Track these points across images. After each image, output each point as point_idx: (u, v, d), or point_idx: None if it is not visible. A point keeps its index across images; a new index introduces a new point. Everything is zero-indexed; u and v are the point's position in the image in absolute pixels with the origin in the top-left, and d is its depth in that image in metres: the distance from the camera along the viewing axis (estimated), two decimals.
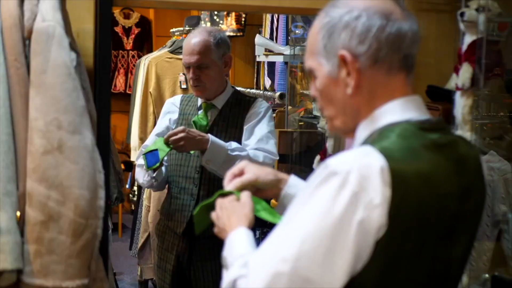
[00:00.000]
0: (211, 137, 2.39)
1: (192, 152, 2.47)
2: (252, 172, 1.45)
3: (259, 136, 2.51)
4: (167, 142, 2.37)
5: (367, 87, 1.16)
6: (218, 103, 2.58)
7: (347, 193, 1.05)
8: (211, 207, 1.45)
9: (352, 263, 1.06)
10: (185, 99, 2.69)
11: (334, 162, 1.09)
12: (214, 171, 2.42)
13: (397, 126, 1.14)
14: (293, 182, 1.47)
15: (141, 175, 2.56)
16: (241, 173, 1.46)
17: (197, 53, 2.50)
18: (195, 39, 2.53)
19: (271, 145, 2.52)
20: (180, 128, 2.37)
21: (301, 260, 1.06)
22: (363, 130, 1.18)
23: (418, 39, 1.17)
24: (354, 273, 1.08)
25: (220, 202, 1.39)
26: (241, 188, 1.43)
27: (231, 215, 1.34)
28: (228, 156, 2.37)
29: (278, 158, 2.57)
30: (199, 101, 2.61)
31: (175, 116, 2.65)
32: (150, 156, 2.39)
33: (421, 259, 1.12)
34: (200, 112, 2.58)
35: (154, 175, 2.50)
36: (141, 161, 2.55)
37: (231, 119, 2.56)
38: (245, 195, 1.38)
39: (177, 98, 2.74)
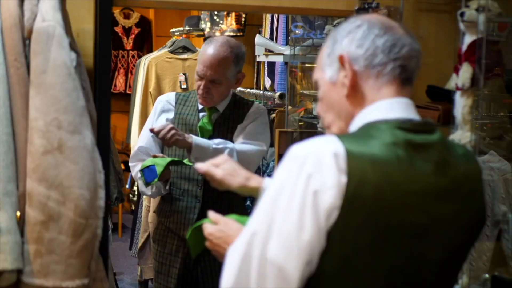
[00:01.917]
0: (193, 136, 2.40)
1: (191, 163, 2.45)
2: (221, 174, 1.57)
3: (247, 131, 2.52)
4: (156, 135, 2.35)
5: (361, 90, 1.22)
6: (221, 107, 2.56)
7: (303, 175, 1.11)
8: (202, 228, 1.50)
9: (315, 242, 1.10)
10: (181, 98, 2.62)
11: (296, 147, 1.16)
12: None
13: (373, 124, 1.18)
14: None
15: (149, 189, 2.52)
16: (217, 165, 1.57)
17: (215, 68, 2.42)
18: (216, 51, 2.44)
19: (262, 139, 2.53)
20: (168, 124, 2.36)
21: (265, 245, 1.11)
22: (353, 128, 1.23)
23: (417, 56, 1.23)
24: (313, 264, 1.12)
25: (208, 235, 1.45)
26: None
27: (228, 237, 1.39)
28: (216, 150, 2.36)
29: (266, 148, 2.57)
30: (200, 104, 2.56)
31: (171, 115, 2.58)
32: (148, 171, 2.38)
33: (384, 253, 1.14)
34: (201, 115, 2.54)
35: (167, 187, 2.50)
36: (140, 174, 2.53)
37: (231, 121, 2.55)
38: (213, 216, 1.46)
39: (171, 96, 2.65)
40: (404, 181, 1.14)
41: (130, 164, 2.63)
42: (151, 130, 2.37)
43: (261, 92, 4.52)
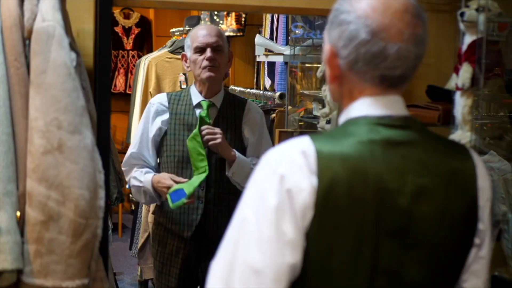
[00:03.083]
0: (235, 151, 2.47)
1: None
2: None
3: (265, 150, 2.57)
4: (201, 137, 2.41)
5: (346, 85, 1.21)
6: (217, 102, 2.57)
7: (276, 177, 1.11)
8: None
9: (299, 240, 1.10)
10: (173, 98, 2.60)
11: (270, 152, 1.16)
12: (237, 183, 2.48)
13: (352, 120, 1.18)
14: None
15: (142, 196, 2.55)
16: None
17: (215, 35, 2.51)
18: (208, 26, 2.58)
19: None
20: (217, 129, 2.44)
21: (249, 253, 1.10)
22: (340, 121, 1.23)
23: (407, 61, 1.16)
24: (297, 266, 1.11)
25: None
26: None
27: None
28: (252, 170, 2.39)
29: None
30: (194, 100, 2.56)
31: (165, 116, 2.57)
32: (174, 195, 2.40)
33: (363, 253, 1.12)
34: (198, 111, 2.54)
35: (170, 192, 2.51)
36: (134, 181, 2.54)
37: (229, 119, 2.56)
38: None
39: (163, 97, 2.63)
40: (377, 179, 1.12)
41: (123, 168, 2.64)
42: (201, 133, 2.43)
43: (261, 92, 4.52)
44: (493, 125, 2.37)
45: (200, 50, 2.50)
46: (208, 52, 2.49)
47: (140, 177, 2.54)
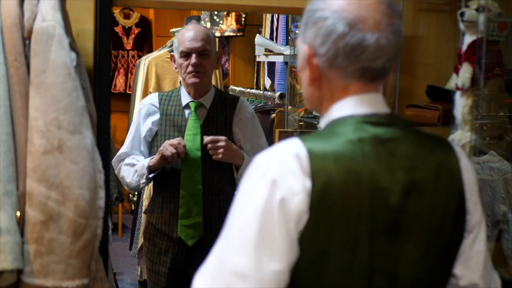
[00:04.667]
0: (244, 153, 2.46)
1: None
2: None
3: (262, 144, 2.61)
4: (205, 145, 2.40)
5: (326, 85, 1.20)
6: (206, 102, 2.56)
7: (267, 181, 1.08)
8: None
9: (286, 248, 1.08)
10: (164, 99, 2.61)
11: (260, 156, 1.14)
12: None
13: (338, 121, 1.17)
14: None
15: (130, 174, 2.53)
16: None
17: (201, 40, 2.49)
18: (195, 28, 2.54)
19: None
20: (222, 137, 2.40)
21: (233, 258, 1.08)
22: (322, 124, 1.22)
23: (387, 52, 1.16)
24: (292, 263, 1.10)
25: None
26: None
27: None
28: None
29: None
30: (183, 100, 2.57)
31: (156, 117, 2.58)
32: None
33: (358, 253, 1.12)
34: (187, 112, 2.55)
35: (150, 176, 2.50)
36: (130, 160, 2.54)
37: (220, 120, 2.55)
38: None
39: (154, 97, 2.64)
40: (370, 178, 1.12)
41: (112, 163, 2.62)
42: (205, 144, 2.42)
43: (261, 92, 4.52)
44: (493, 125, 2.37)
45: (186, 54, 2.50)
46: (193, 58, 2.48)
47: (135, 159, 2.58)
